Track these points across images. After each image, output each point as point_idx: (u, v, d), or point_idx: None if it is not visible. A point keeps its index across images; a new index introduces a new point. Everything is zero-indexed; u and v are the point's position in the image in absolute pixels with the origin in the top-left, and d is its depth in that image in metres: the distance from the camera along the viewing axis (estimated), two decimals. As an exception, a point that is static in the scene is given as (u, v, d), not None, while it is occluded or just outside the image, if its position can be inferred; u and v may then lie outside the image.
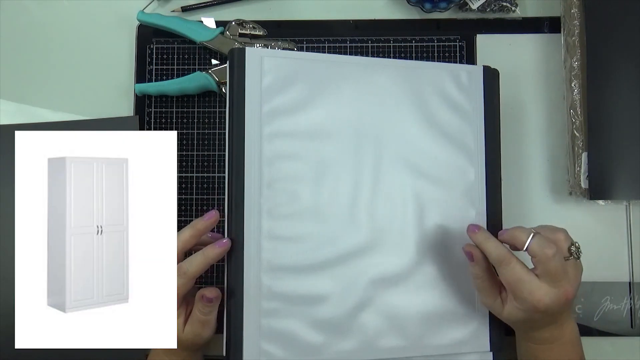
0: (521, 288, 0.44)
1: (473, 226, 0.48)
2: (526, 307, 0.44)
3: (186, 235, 0.46)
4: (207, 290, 0.45)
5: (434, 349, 0.50)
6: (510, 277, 0.44)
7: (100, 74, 0.59)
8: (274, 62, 0.49)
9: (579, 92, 0.54)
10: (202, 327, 0.46)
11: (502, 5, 0.59)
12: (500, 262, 0.45)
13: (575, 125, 0.54)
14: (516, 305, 0.45)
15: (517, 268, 0.44)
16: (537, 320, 0.45)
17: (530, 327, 0.47)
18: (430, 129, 0.52)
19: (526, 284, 0.43)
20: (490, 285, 0.47)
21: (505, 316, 0.47)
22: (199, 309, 0.46)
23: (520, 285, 0.44)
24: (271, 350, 0.46)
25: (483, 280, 0.47)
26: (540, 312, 0.44)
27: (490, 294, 0.47)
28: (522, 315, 0.45)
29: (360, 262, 0.49)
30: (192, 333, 0.46)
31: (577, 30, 0.55)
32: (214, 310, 0.46)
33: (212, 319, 0.47)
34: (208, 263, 0.45)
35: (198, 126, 0.57)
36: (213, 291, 0.45)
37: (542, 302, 0.43)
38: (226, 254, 0.47)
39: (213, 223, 0.46)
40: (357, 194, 0.49)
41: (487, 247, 0.46)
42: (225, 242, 0.46)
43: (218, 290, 0.46)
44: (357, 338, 0.48)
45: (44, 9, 0.61)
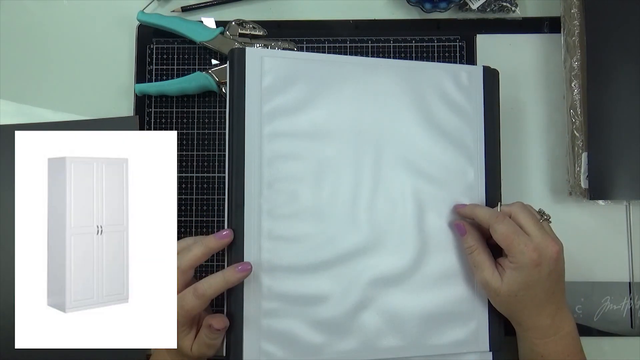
0: (517, 240, 0.45)
1: (458, 205, 0.50)
2: (523, 262, 0.45)
3: (198, 253, 0.45)
4: (214, 320, 0.44)
5: (434, 349, 0.50)
6: (505, 229, 0.45)
7: (100, 74, 0.59)
8: (274, 62, 0.49)
9: (579, 92, 0.54)
10: (208, 349, 0.45)
11: (502, 5, 0.59)
12: (495, 218, 0.46)
13: (575, 125, 0.54)
14: (513, 266, 0.45)
15: (511, 222, 0.46)
16: (535, 287, 0.45)
17: (529, 306, 0.46)
18: (430, 129, 0.52)
19: (521, 237, 0.45)
20: (486, 258, 0.48)
21: (505, 289, 0.46)
22: (206, 334, 0.44)
23: (516, 237, 0.45)
24: (271, 350, 0.46)
25: (478, 251, 0.48)
26: (537, 267, 0.44)
27: (487, 266, 0.47)
28: (521, 279, 0.45)
29: (360, 262, 0.49)
30: (198, 352, 0.45)
31: (577, 30, 0.55)
32: (220, 337, 0.45)
33: (218, 343, 0.46)
34: (227, 287, 0.44)
35: (198, 126, 0.57)
36: (221, 322, 0.44)
37: (537, 251, 0.44)
38: (226, 254, 0.47)
39: (226, 243, 0.45)
40: (357, 194, 0.49)
41: (478, 212, 0.48)
42: (247, 266, 0.44)
43: (226, 319, 0.45)
44: (357, 338, 0.48)
45: (44, 9, 0.61)
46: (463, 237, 0.49)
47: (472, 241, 0.48)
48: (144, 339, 0.46)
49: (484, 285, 0.48)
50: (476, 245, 0.48)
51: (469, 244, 0.48)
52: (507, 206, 0.48)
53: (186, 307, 0.43)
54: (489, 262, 0.48)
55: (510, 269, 0.46)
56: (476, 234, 0.49)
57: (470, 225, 0.49)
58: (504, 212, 0.48)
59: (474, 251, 0.48)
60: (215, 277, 0.44)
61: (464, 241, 0.49)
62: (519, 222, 0.46)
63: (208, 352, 0.46)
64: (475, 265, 0.48)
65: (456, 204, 0.50)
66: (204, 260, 0.45)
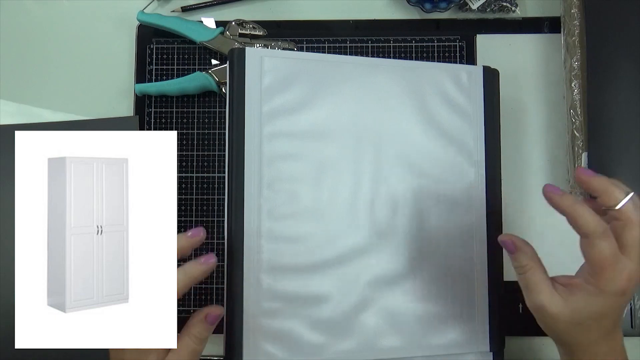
0: (614, 265, 0.37)
1: (552, 187, 0.39)
2: (610, 290, 0.37)
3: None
4: (212, 309, 0.41)
5: (434, 349, 0.50)
6: (608, 251, 0.37)
7: (100, 74, 0.59)
8: (274, 62, 0.49)
9: (579, 92, 0.54)
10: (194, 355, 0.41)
11: (502, 5, 0.59)
12: (601, 233, 0.37)
13: (575, 125, 0.54)
14: (593, 291, 0.37)
15: (614, 242, 0.37)
16: (608, 317, 0.38)
17: (594, 337, 0.39)
18: (430, 129, 0.52)
19: (620, 261, 0.37)
20: (543, 278, 0.40)
21: (568, 316, 0.38)
22: (199, 331, 0.41)
23: (615, 261, 0.37)
24: (271, 350, 0.46)
25: (533, 271, 0.40)
26: (621, 297, 0.37)
27: (544, 288, 0.39)
28: (595, 308, 0.38)
29: (360, 262, 0.49)
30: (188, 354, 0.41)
31: (577, 30, 0.55)
32: (212, 329, 0.42)
33: (207, 338, 0.42)
34: (191, 283, 0.41)
35: (198, 126, 0.57)
36: (218, 309, 0.42)
37: (629, 280, 0.37)
38: (226, 254, 0.47)
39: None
40: (357, 194, 0.49)
41: (580, 215, 0.37)
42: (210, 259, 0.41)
43: (221, 306, 0.43)
44: (357, 338, 0.48)
45: (44, 9, 0.61)
46: (513, 255, 0.41)
47: (526, 260, 0.40)
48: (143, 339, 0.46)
49: (538, 309, 0.40)
50: (531, 264, 0.40)
51: (521, 263, 0.40)
52: (627, 209, 0.38)
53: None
54: (546, 282, 0.39)
55: (586, 294, 0.38)
56: (530, 251, 0.41)
57: (522, 240, 0.41)
58: (623, 188, 0.38)
59: (527, 271, 0.40)
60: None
61: (515, 259, 0.41)
62: (627, 238, 0.37)
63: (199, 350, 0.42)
64: (529, 287, 0.40)
65: (546, 185, 0.39)
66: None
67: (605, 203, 0.38)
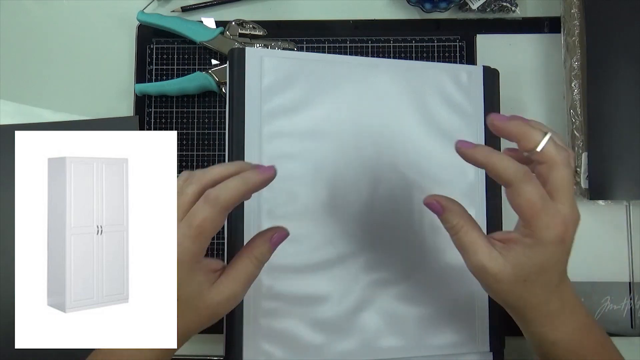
0: (546, 210, 0.34)
1: (464, 142, 0.36)
2: (547, 238, 0.34)
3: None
4: (280, 228, 0.37)
5: (434, 349, 0.50)
6: (535, 194, 0.34)
7: (100, 74, 0.59)
8: (274, 62, 0.49)
9: (579, 92, 0.54)
10: (247, 284, 0.37)
11: (502, 5, 0.59)
12: (523, 176, 0.34)
13: (575, 125, 0.54)
14: (530, 243, 0.35)
15: (539, 185, 0.34)
16: (551, 270, 0.36)
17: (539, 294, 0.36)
18: (430, 128, 0.52)
19: (550, 205, 0.34)
20: (477, 235, 0.36)
21: (509, 274, 0.35)
22: (261, 252, 0.37)
23: (545, 206, 0.34)
24: (271, 350, 0.46)
25: (466, 230, 0.36)
26: (560, 245, 0.35)
27: (481, 246, 0.36)
28: (536, 261, 0.35)
29: (359, 262, 0.49)
30: (229, 293, 0.36)
31: (577, 30, 0.55)
32: (273, 252, 0.38)
33: (266, 262, 0.38)
34: (247, 191, 0.35)
35: (198, 126, 0.57)
36: (285, 229, 0.37)
37: (564, 225, 0.34)
38: (226, 254, 0.47)
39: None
40: (356, 194, 0.49)
41: (498, 162, 0.35)
42: (270, 170, 0.36)
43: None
44: (357, 338, 0.48)
45: (44, 9, 0.61)
46: (441, 217, 0.38)
47: (455, 219, 0.37)
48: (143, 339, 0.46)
49: (479, 270, 0.36)
50: (462, 223, 0.37)
51: (451, 223, 0.37)
52: (548, 149, 0.35)
53: (195, 222, 0.34)
54: (482, 240, 0.36)
55: (524, 246, 0.35)
56: (459, 209, 0.37)
57: (447, 199, 0.38)
58: (540, 129, 0.35)
59: (459, 230, 0.37)
60: (231, 179, 0.35)
61: (444, 220, 0.37)
62: (553, 180, 0.35)
63: (243, 291, 0.37)
64: (464, 247, 0.36)
65: (457, 140, 0.37)
66: (240, 201, 0.36)
67: (525, 147, 0.35)
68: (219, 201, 0.34)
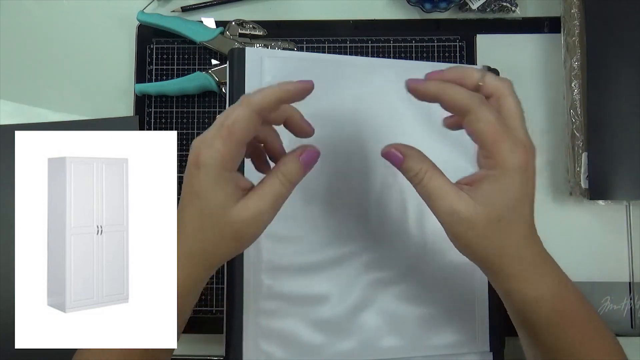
0: (507, 134, 0.33)
1: (414, 80, 0.35)
2: (512, 165, 0.33)
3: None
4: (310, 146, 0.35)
5: (434, 349, 0.50)
6: (493, 119, 0.33)
7: (100, 74, 0.59)
8: (274, 62, 0.49)
9: (579, 92, 0.54)
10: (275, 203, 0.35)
11: (502, 5, 0.59)
12: (479, 102, 0.33)
13: (575, 125, 0.54)
14: (497, 174, 0.33)
15: (496, 111, 0.33)
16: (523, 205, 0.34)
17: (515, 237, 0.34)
18: (430, 129, 0.52)
19: (509, 130, 0.33)
20: (443, 180, 0.34)
21: (483, 214, 0.33)
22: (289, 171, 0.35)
23: (505, 130, 0.33)
24: (271, 350, 0.46)
25: (430, 174, 0.34)
26: (525, 173, 0.33)
27: (448, 189, 0.34)
28: (508, 194, 0.33)
29: (360, 262, 0.49)
30: (255, 211, 0.34)
31: (577, 30, 0.55)
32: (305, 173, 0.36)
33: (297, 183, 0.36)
34: (282, 98, 0.34)
35: (198, 126, 0.57)
36: (317, 148, 0.36)
37: (526, 151, 0.33)
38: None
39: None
40: (357, 194, 0.49)
41: (452, 92, 0.34)
42: (308, 81, 0.35)
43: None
44: (357, 338, 0.48)
45: (44, 9, 0.61)
46: (403, 166, 0.35)
47: (417, 164, 0.34)
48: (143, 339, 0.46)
49: (449, 217, 0.34)
50: (425, 167, 0.34)
51: (414, 170, 0.34)
52: (489, 80, 0.35)
53: (227, 122, 0.33)
54: (449, 184, 0.34)
55: (491, 181, 0.33)
56: (420, 155, 0.35)
57: (406, 146, 0.36)
58: (474, 68, 0.35)
59: (423, 176, 0.34)
60: (267, 87, 0.34)
61: (406, 170, 0.35)
62: (506, 109, 0.34)
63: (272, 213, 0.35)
64: (431, 194, 0.34)
65: (408, 80, 0.35)
66: (275, 106, 0.34)
67: (469, 85, 0.34)
68: (252, 102, 0.33)
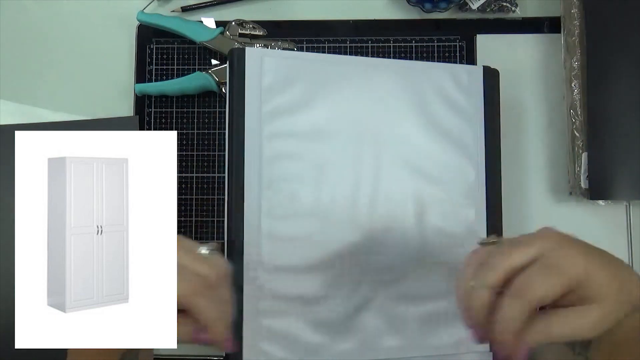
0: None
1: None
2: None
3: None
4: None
5: (434, 349, 0.50)
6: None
7: (100, 74, 0.59)
8: (274, 62, 0.49)
9: (579, 92, 0.54)
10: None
11: (502, 5, 0.59)
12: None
13: (575, 125, 0.54)
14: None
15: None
16: None
17: None
18: (430, 129, 0.52)
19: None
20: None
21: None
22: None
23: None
24: (271, 351, 0.46)
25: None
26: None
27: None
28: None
29: (359, 262, 0.49)
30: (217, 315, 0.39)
31: (577, 30, 0.55)
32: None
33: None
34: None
35: (198, 126, 0.57)
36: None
37: None
38: (226, 254, 0.47)
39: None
40: (356, 194, 0.49)
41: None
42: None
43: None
44: (357, 338, 0.48)
45: (44, 9, 0.61)
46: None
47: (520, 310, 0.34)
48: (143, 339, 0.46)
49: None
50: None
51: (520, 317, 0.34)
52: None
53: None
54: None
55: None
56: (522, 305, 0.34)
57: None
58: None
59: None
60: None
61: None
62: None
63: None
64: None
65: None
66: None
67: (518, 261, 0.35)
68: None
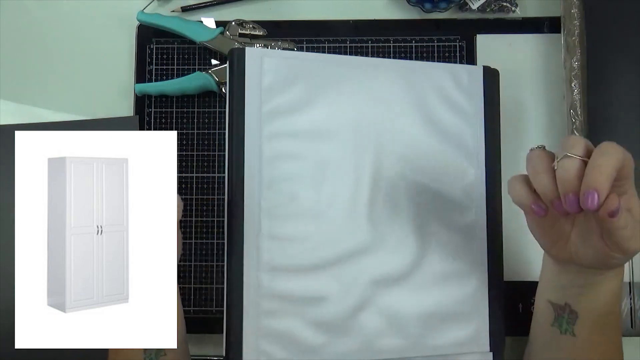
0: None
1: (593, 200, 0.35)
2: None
3: None
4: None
5: (434, 349, 0.50)
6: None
7: (100, 74, 0.59)
8: (274, 62, 0.49)
9: (579, 92, 0.54)
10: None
11: (502, 5, 0.59)
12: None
13: (575, 125, 0.54)
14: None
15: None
16: None
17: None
18: (430, 129, 0.52)
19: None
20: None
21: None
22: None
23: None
24: (271, 351, 0.46)
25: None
26: None
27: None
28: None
29: (360, 262, 0.49)
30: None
31: (577, 30, 0.55)
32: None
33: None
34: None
35: (198, 126, 0.57)
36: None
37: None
38: (226, 254, 0.47)
39: None
40: (356, 194, 0.49)
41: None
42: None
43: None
44: (357, 338, 0.48)
45: (44, 9, 0.61)
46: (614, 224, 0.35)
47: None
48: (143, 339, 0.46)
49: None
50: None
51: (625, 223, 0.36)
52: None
53: None
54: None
55: None
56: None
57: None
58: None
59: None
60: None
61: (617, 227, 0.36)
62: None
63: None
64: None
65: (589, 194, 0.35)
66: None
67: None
68: None
